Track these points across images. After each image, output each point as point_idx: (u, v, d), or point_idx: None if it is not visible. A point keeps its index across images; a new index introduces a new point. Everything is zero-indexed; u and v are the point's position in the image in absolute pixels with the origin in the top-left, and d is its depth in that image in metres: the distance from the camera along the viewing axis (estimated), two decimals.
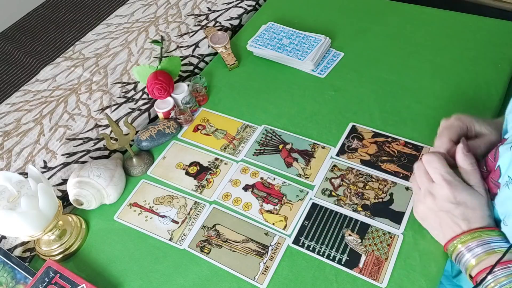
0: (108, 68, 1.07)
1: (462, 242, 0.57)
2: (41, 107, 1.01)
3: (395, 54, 0.95)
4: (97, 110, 0.98)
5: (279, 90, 0.93)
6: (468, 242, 0.57)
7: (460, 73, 0.89)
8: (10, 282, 0.70)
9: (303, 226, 0.71)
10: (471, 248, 0.56)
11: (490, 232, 0.56)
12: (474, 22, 0.99)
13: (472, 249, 0.56)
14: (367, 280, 0.64)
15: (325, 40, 0.97)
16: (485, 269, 0.54)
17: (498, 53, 0.91)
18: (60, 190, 0.83)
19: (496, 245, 0.55)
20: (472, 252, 0.56)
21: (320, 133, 0.84)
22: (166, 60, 0.92)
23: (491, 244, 0.55)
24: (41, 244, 0.75)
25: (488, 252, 0.55)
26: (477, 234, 0.56)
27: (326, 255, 0.68)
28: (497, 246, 0.55)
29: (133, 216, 0.78)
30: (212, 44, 0.99)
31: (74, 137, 0.93)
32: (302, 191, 0.76)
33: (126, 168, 0.84)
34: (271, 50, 0.97)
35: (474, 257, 0.56)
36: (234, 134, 0.87)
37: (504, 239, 0.56)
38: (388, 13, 1.06)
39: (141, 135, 0.85)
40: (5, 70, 1.16)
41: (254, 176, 0.80)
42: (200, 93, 0.92)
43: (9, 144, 0.95)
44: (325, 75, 0.94)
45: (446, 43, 0.95)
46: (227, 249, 0.71)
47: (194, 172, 0.82)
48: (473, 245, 0.56)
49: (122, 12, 1.24)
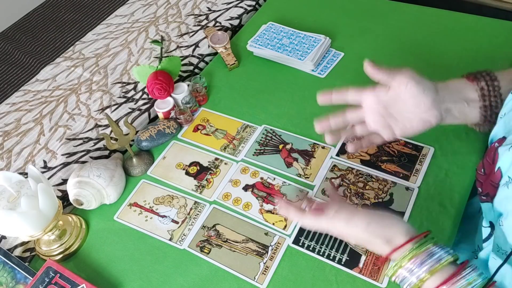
0: (108, 68, 1.07)
1: (400, 266, 0.53)
2: (41, 107, 1.01)
3: (395, 54, 0.95)
4: (97, 110, 0.98)
5: (279, 90, 0.93)
6: (408, 261, 0.53)
7: (460, 73, 0.89)
8: (10, 282, 0.70)
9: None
10: (411, 269, 0.52)
11: (426, 243, 0.53)
12: (474, 22, 0.99)
13: (412, 270, 0.52)
14: (367, 280, 0.64)
15: (325, 40, 0.97)
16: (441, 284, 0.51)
17: (498, 53, 0.91)
18: (60, 190, 0.83)
19: (439, 256, 0.52)
20: (413, 272, 0.52)
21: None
22: (166, 60, 0.92)
23: (434, 257, 0.52)
24: (41, 244, 0.75)
25: (432, 270, 0.51)
26: (416, 250, 0.53)
27: (326, 255, 0.68)
28: (441, 257, 0.52)
29: (133, 216, 0.78)
30: (212, 44, 0.99)
31: (74, 137, 0.93)
32: (302, 191, 0.76)
33: (126, 168, 0.84)
34: (271, 50, 0.97)
35: (417, 278, 0.52)
36: (234, 134, 0.87)
37: (438, 244, 0.53)
38: (388, 13, 1.06)
39: (141, 135, 0.85)
40: (5, 70, 1.16)
41: (254, 176, 0.80)
42: (200, 93, 0.92)
43: (9, 144, 0.95)
44: (325, 75, 0.94)
45: (446, 43, 0.95)
46: (227, 249, 0.71)
47: (194, 172, 0.82)
48: (414, 264, 0.52)
49: (122, 12, 1.24)
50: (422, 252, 0.53)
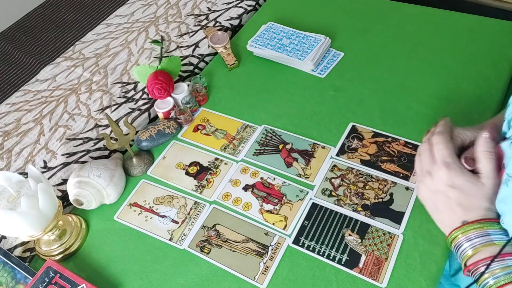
0: (108, 68, 1.07)
1: (462, 232, 0.57)
2: (41, 107, 1.01)
3: (395, 54, 0.95)
4: (97, 110, 0.98)
5: (279, 90, 0.93)
6: (469, 232, 0.57)
7: (460, 73, 0.89)
8: (10, 282, 0.70)
9: (303, 226, 0.72)
10: (470, 238, 0.56)
11: (490, 224, 0.56)
12: (474, 22, 0.99)
13: (471, 239, 0.56)
14: (367, 280, 0.64)
15: (325, 40, 0.97)
16: (480, 260, 0.55)
17: (498, 53, 0.91)
18: (60, 190, 0.83)
19: (496, 238, 0.55)
20: (470, 243, 0.56)
21: (320, 133, 0.84)
22: (166, 60, 0.92)
23: (491, 236, 0.55)
24: (41, 244, 0.75)
25: (486, 244, 0.55)
26: (479, 225, 0.56)
27: (326, 255, 0.68)
28: (496, 239, 0.55)
29: (133, 216, 0.78)
30: (212, 44, 0.99)
31: (74, 137, 0.93)
32: (302, 191, 0.76)
33: (126, 168, 0.84)
34: (271, 50, 0.97)
35: (472, 248, 0.56)
36: (234, 134, 0.87)
37: (504, 232, 0.56)
38: (388, 13, 1.06)
39: (141, 135, 0.85)
40: (5, 70, 1.16)
41: (254, 176, 0.80)
42: (200, 93, 0.92)
43: (9, 144, 0.95)
44: (325, 75, 0.94)
45: (446, 43, 0.95)
46: (227, 249, 0.71)
47: (194, 172, 0.82)
48: (473, 235, 0.56)
49: (122, 12, 1.24)
50: (483, 229, 0.56)
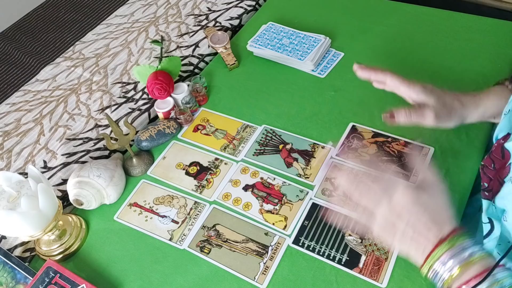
0: (108, 68, 1.07)
1: (435, 258, 0.51)
2: (41, 107, 1.01)
3: (395, 54, 0.95)
4: (97, 110, 0.98)
5: (279, 90, 0.93)
6: (441, 255, 0.50)
7: (460, 73, 0.89)
8: (10, 282, 0.70)
9: (303, 226, 0.72)
10: (445, 262, 0.50)
11: (461, 237, 0.51)
12: (474, 22, 0.99)
13: (445, 263, 0.50)
14: (367, 280, 0.64)
15: (325, 40, 0.97)
16: (464, 283, 0.49)
17: (498, 53, 0.91)
18: (60, 190, 0.83)
19: (471, 251, 0.50)
20: (446, 266, 0.50)
21: (320, 133, 0.84)
22: (166, 60, 0.92)
23: (466, 252, 0.50)
24: (41, 244, 0.75)
25: (463, 265, 0.49)
26: (449, 244, 0.51)
27: (326, 255, 0.68)
28: (473, 253, 0.50)
29: (133, 216, 0.78)
30: (212, 44, 0.99)
31: (74, 137, 0.93)
32: (302, 191, 0.76)
33: (126, 168, 0.84)
34: (271, 50, 0.97)
35: (449, 272, 0.50)
36: (234, 134, 0.87)
37: (473, 240, 0.51)
38: (388, 13, 1.06)
39: (141, 135, 0.85)
40: (5, 70, 1.16)
41: (254, 176, 0.80)
42: (200, 93, 0.92)
43: (9, 144, 0.95)
44: (325, 75, 0.94)
45: (446, 43, 0.95)
46: (227, 249, 0.71)
47: (194, 172, 0.82)
48: (446, 258, 0.50)
49: (122, 12, 1.24)
50: (455, 246, 0.50)
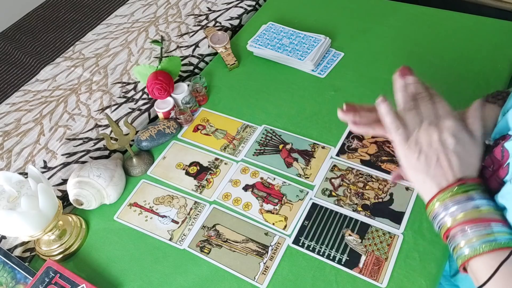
0: (108, 68, 1.07)
1: (440, 200, 0.51)
2: (41, 107, 1.01)
3: (395, 54, 0.95)
4: (97, 110, 0.98)
5: (279, 90, 0.93)
6: (447, 199, 0.51)
7: (460, 73, 0.89)
8: (10, 282, 0.70)
9: (303, 226, 0.72)
10: (448, 207, 0.51)
11: (473, 185, 0.51)
12: (474, 22, 0.99)
13: (448, 208, 0.50)
14: (367, 280, 0.64)
15: (325, 40, 0.97)
16: (457, 225, 0.49)
17: (498, 53, 0.91)
18: (60, 190, 0.83)
19: (479, 203, 0.50)
20: (447, 211, 0.50)
21: (320, 133, 0.84)
22: (166, 60, 0.92)
23: (474, 202, 0.50)
24: (41, 244, 0.75)
25: (468, 212, 0.49)
26: (462, 188, 0.50)
27: (326, 255, 0.68)
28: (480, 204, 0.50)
29: (133, 216, 0.78)
30: (212, 44, 0.99)
31: (74, 137, 0.93)
32: (302, 191, 0.76)
33: (126, 168, 0.84)
34: (271, 50, 0.97)
35: (451, 217, 0.50)
36: (234, 134, 0.87)
37: (486, 195, 0.51)
38: (388, 13, 1.06)
39: (141, 135, 0.85)
40: (5, 70, 1.16)
41: (254, 176, 0.80)
42: (200, 93, 0.92)
43: (9, 144, 0.95)
44: (325, 75, 0.94)
45: (446, 43, 0.95)
46: (227, 249, 0.71)
47: (194, 172, 0.82)
48: (450, 204, 0.50)
49: (122, 12, 1.24)
50: (462, 194, 0.50)
